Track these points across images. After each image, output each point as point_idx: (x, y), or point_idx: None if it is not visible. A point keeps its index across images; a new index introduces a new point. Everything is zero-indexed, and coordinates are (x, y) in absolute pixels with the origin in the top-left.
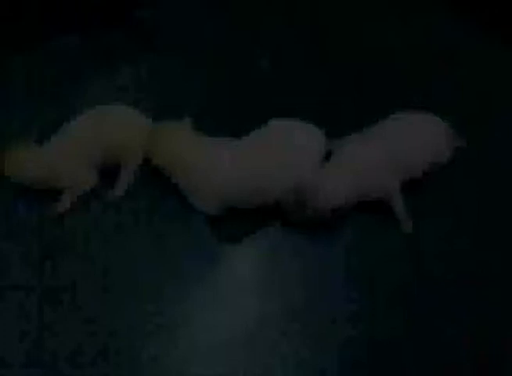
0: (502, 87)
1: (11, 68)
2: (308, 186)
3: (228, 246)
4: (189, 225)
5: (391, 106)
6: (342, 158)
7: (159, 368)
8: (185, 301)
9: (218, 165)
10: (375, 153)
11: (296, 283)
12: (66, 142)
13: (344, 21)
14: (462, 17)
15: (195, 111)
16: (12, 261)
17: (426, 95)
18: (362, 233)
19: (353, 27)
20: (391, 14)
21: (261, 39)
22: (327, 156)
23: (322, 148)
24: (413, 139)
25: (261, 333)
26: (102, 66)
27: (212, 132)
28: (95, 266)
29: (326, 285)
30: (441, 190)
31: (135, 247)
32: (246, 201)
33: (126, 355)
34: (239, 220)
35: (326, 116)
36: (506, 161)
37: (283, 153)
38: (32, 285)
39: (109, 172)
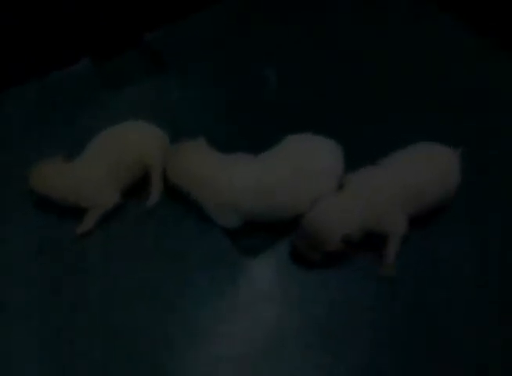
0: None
1: (26, 94)
2: (318, 218)
3: (247, 258)
4: (207, 238)
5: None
6: (354, 188)
7: None
8: (206, 315)
9: (235, 180)
10: (388, 185)
11: (316, 294)
12: (87, 162)
13: (348, 33)
14: (461, 23)
15: (208, 130)
16: (33, 278)
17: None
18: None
19: (357, 39)
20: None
21: (269, 55)
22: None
23: (340, 161)
24: (427, 172)
25: (283, 345)
26: (115, 90)
27: (226, 150)
28: (116, 282)
29: (347, 295)
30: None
31: (155, 262)
32: (264, 216)
33: (148, 369)
34: (258, 232)
35: (339, 132)
36: None
37: (301, 167)
38: (51, 302)
39: (129, 191)
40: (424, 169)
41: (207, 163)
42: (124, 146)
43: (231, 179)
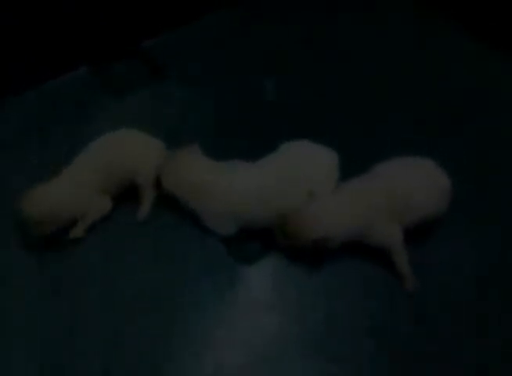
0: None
1: (25, 99)
2: (296, 215)
3: (245, 265)
4: (205, 247)
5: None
6: (341, 194)
7: None
8: (206, 319)
9: (234, 187)
10: (377, 194)
11: (314, 299)
12: (81, 169)
13: (348, 33)
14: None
15: (208, 133)
16: (33, 278)
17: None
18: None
19: (357, 39)
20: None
21: (270, 55)
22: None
23: (336, 167)
24: (416, 183)
25: (282, 350)
26: (115, 95)
27: (226, 152)
28: (114, 290)
29: (345, 299)
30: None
31: (154, 266)
32: (263, 222)
33: (147, 371)
34: (255, 239)
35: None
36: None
37: (299, 174)
38: (51, 302)
39: (122, 200)
40: (413, 181)
41: (203, 170)
42: (115, 155)
43: (230, 186)
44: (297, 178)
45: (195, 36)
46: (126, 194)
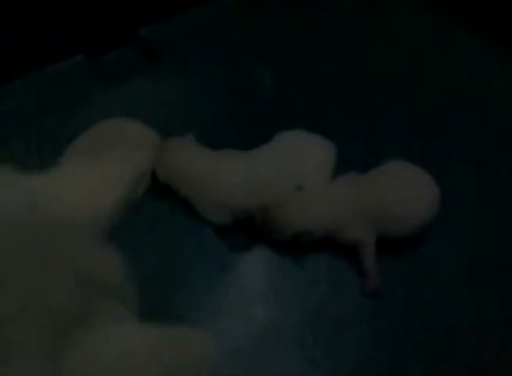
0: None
1: (19, 90)
2: (275, 205)
3: (237, 255)
4: (197, 235)
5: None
6: (324, 191)
7: None
8: (197, 311)
9: (227, 176)
10: (357, 198)
11: (308, 291)
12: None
13: (348, 33)
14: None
15: (205, 128)
16: None
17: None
18: None
19: (357, 39)
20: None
21: (268, 53)
22: None
23: (331, 157)
24: (400, 194)
25: (274, 340)
26: (110, 86)
27: (223, 148)
28: None
29: (338, 289)
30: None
31: (144, 259)
32: (254, 211)
33: None
34: (248, 229)
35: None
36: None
37: (293, 163)
38: None
39: None
40: (398, 188)
41: (196, 159)
42: (110, 142)
43: (222, 175)
44: (291, 167)
45: (191, 25)
46: None
